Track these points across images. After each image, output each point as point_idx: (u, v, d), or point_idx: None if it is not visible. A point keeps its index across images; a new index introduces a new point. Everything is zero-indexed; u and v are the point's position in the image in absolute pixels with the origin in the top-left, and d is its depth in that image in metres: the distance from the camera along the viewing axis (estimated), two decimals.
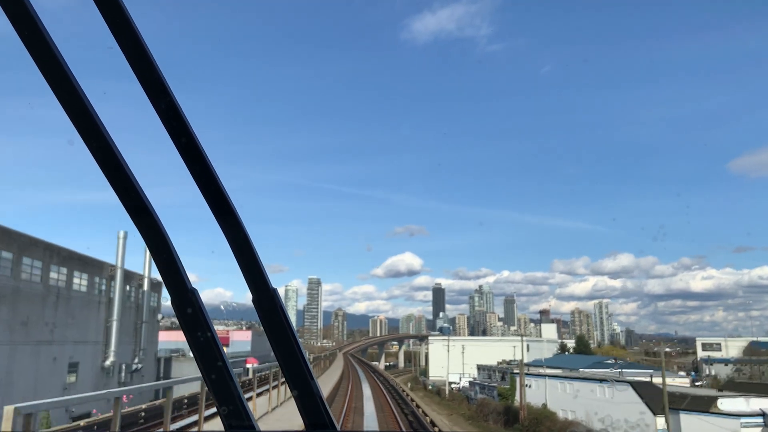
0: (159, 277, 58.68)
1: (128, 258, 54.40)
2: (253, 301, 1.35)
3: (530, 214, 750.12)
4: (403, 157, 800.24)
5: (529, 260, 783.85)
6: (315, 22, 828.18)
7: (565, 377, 64.90)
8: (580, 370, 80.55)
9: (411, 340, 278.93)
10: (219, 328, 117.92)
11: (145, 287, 55.58)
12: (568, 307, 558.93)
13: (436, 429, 34.42)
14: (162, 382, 43.56)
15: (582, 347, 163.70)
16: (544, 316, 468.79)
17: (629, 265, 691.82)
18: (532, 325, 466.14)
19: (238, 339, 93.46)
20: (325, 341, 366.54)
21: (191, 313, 1.30)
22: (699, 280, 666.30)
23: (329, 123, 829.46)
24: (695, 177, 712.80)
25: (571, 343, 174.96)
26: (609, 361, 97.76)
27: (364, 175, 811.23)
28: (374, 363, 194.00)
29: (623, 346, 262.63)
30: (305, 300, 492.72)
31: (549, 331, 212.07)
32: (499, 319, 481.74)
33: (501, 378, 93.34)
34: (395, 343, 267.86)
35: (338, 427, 1.37)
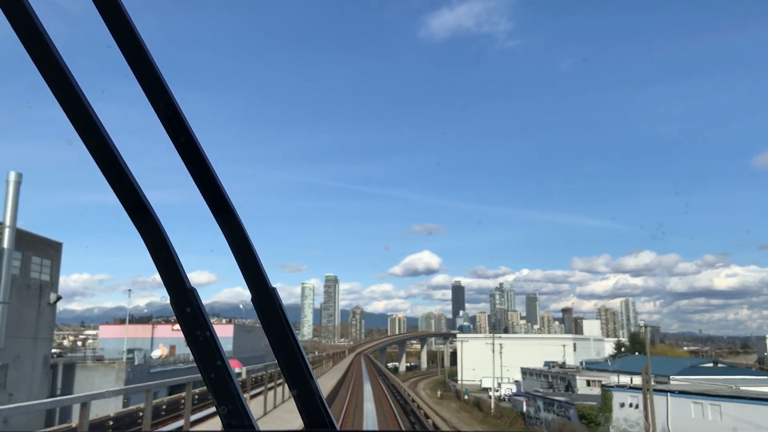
0: (38, 233, 36.21)
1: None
2: (252, 300, 1.33)
3: (550, 212, 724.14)
4: (421, 155, 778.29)
5: (549, 258, 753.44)
6: (333, 22, 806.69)
7: (705, 395, 41.03)
8: (672, 377, 58.38)
9: (433, 339, 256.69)
10: None
11: (6, 243, 32.72)
12: (588, 305, 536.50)
13: None
14: None
15: (638, 346, 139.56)
16: (567, 314, 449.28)
17: (651, 262, 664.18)
18: (557, 323, 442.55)
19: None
20: (342, 340, 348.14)
21: (190, 313, 1.28)
22: (723, 278, 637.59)
23: (346, 122, 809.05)
24: (719, 173, 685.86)
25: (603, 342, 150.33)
26: (708, 365, 73.87)
27: (382, 174, 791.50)
28: (393, 365, 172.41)
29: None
30: (322, 298, 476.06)
31: (591, 328, 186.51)
32: (521, 318, 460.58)
33: (566, 388, 69.86)
34: (416, 341, 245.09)
35: (338, 427, 1.35)
